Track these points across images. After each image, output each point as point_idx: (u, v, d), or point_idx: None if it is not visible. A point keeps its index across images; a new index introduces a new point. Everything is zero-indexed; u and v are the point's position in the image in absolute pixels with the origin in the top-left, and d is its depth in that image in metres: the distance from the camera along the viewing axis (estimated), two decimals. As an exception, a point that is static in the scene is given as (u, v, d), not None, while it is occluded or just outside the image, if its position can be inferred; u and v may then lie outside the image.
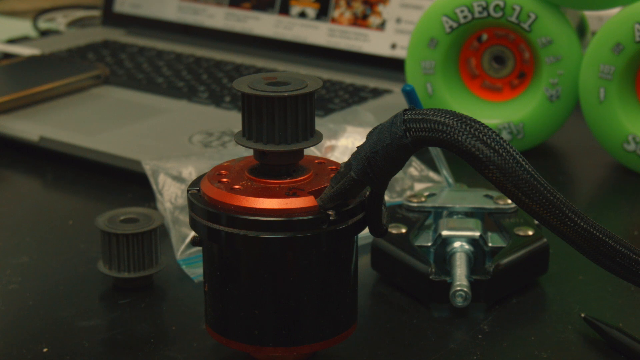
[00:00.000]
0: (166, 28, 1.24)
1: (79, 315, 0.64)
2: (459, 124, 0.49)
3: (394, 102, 0.99)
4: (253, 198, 0.52)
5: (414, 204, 0.70)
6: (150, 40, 1.21)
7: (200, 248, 0.59)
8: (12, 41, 1.25)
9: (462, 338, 0.61)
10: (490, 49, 0.93)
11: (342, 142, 0.82)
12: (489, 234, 0.67)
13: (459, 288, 0.62)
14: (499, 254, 0.65)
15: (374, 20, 1.10)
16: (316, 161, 0.57)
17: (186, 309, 0.65)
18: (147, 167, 0.77)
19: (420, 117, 0.49)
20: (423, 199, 0.70)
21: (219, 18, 1.20)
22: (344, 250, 0.55)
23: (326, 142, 0.81)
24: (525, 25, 0.87)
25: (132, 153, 0.85)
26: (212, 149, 0.86)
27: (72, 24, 1.39)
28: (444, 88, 0.91)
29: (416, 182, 0.81)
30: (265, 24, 1.16)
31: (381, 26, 1.09)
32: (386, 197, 0.77)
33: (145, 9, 1.25)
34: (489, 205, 0.70)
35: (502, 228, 0.68)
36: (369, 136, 0.51)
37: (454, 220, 0.68)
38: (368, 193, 0.54)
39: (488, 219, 0.69)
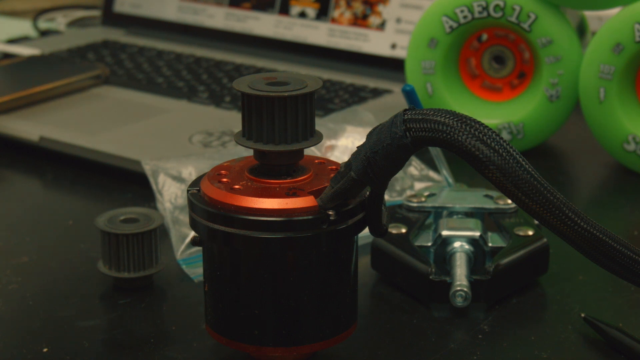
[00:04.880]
0: (166, 28, 1.24)
1: (79, 315, 0.64)
2: (459, 124, 0.49)
3: (394, 102, 0.99)
4: (253, 198, 0.52)
5: (414, 203, 0.70)
6: (150, 40, 1.21)
7: (200, 248, 0.59)
8: (12, 41, 1.25)
9: (462, 338, 0.61)
10: (490, 49, 0.93)
11: (342, 142, 0.82)
12: (489, 234, 0.67)
13: (459, 288, 0.62)
14: (499, 254, 0.65)
15: (374, 20, 1.10)
16: (316, 161, 0.57)
17: (186, 309, 0.65)
18: (147, 167, 0.77)
19: (420, 117, 0.49)
20: (423, 199, 0.70)
21: (219, 18, 1.20)
22: (344, 250, 0.55)
23: (326, 142, 0.81)
24: (525, 25, 0.87)
25: (132, 153, 0.85)
26: (212, 149, 0.86)
27: (72, 24, 1.39)
28: (444, 88, 0.91)
29: (416, 181, 0.81)
30: (265, 24, 1.17)
31: (381, 26, 1.09)
32: (386, 197, 0.77)
33: (145, 9, 1.25)
34: (489, 205, 0.70)
35: (502, 228, 0.68)
36: (369, 136, 0.51)
37: (454, 220, 0.68)
38: (368, 193, 0.54)
39: (488, 219, 0.69)
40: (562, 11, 0.88)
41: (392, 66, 1.07)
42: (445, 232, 0.66)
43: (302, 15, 1.15)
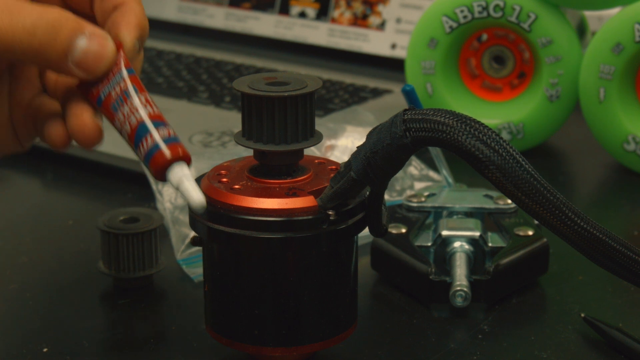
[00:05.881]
0: (166, 28, 1.24)
1: (79, 315, 0.64)
2: (459, 124, 0.49)
3: (394, 102, 1.00)
4: (253, 198, 0.52)
5: (414, 203, 0.70)
6: (150, 40, 1.21)
7: (200, 248, 0.59)
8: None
9: (462, 338, 0.61)
10: (490, 49, 0.93)
11: (342, 141, 0.82)
12: (489, 234, 0.67)
13: (459, 288, 0.62)
14: (499, 254, 0.65)
15: (374, 20, 1.10)
16: (316, 161, 0.57)
17: (186, 309, 0.65)
18: (147, 167, 0.77)
19: (420, 117, 0.49)
20: (423, 199, 0.70)
21: (219, 18, 1.20)
22: (344, 250, 0.55)
23: (326, 142, 0.81)
24: (525, 25, 0.87)
25: (132, 153, 0.84)
26: (212, 149, 0.85)
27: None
28: (444, 88, 0.91)
29: (416, 181, 0.81)
30: (265, 24, 1.17)
31: (381, 26, 1.09)
32: (386, 197, 0.77)
33: (145, 9, 1.25)
34: (489, 205, 0.70)
35: (502, 228, 0.68)
36: (368, 136, 0.51)
37: (454, 220, 0.68)
38: (368, 193, 0.54)
39: (488, 219, 0.69)
40: (562, 11, 0.88)
41: (392, 66, 1.07)
42: (445, 232, 0.66)
43: (302, 15, 1.15)
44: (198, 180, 0.56)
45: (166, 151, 0.50)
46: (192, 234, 0.62)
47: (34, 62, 0.52)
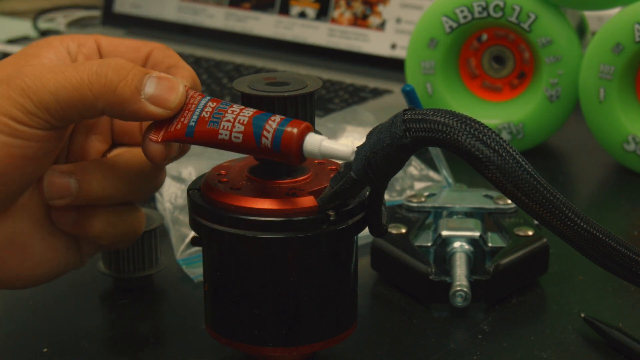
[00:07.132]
0: (166, 28, 1.24)
1: (79, 315, 0.64)
2: (459, 124, 0.49)
3: (394, 102, 1.00)
4: (253, 198, 0.52)
5: (414, 203, 0.70)
6: (150, 40, 1.21)
7: (200, 248, 0.59)
8: (12, 41, 1.25)
9: (462, 338, 0.61)
10: (490, 49, 0.93)
11: (342, 142, 0.82)
12: (489, 234, 0.67)
13: (459, 288, 0.62)
14: (499, 254, 0.65)
15: (374, 20, 1.10)
16: (316, 161, 0.57)
17: (186, 309, 0.65)
18: (147, 167, 0.77)
19: (420, 117, 0.49)
20: (423, 199, 0.71)
21: (219, 18, 1.20)
22: (344, 250, 0.55)
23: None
24: (525, 25, 0.87)
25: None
26: (212, 149, 0.85)
27: (72, 24, 1.39)
28: (444, 88, 0.91)
29: (416, 181, 0.81)
30: (265, 24, 1.17)
31: (381, 26, 1.09)
32: (386, 197, 0.77)
33: (145, 9, 1.25)
34: (489, 205, 0.70)
35: (502, 228, 0.68)
36: (368, 136, 0.51)
37: (454, 220, 0.68)
38: (368, 193, 0.54)
39: (488, 219, 0.69)
40: (562, 11, 0.88)
41: (392, 66, 1.07)
42: (445, 232, 0.66)
43: (302, 15, 1.15)
44: (198, 180, 0.56)
45: (292, 129, 0.50)
46: (192, 234, 0.62)
47: (105, 105, 0.52)
